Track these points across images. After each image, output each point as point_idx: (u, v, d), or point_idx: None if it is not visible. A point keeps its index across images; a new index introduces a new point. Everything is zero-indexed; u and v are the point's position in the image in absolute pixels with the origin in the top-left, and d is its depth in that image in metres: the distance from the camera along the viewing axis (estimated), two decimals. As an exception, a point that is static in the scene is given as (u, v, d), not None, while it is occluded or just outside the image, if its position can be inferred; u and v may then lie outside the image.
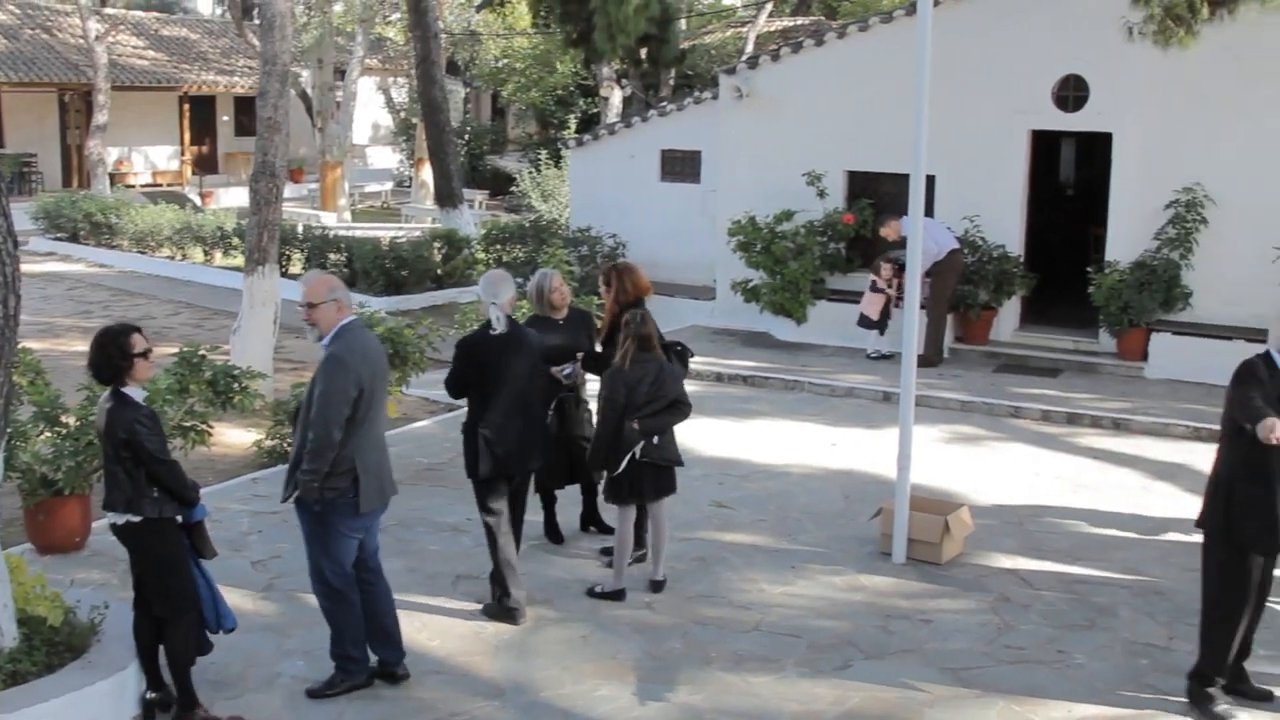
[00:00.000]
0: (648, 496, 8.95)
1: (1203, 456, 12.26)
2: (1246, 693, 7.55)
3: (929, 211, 16.40)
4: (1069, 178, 22.41)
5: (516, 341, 8.50)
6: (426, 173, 31.85)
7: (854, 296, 16.76)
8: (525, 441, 8.56)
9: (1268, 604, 7.63)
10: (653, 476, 8.87)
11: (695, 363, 15.23)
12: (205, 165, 41.58)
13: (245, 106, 39.53)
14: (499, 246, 21.97)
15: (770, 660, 8.08)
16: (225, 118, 42.99)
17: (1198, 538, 7.62)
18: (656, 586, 9.13)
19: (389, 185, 40.98)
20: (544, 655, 8.12)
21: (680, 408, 8.93)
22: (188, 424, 10.60)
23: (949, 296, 16.11)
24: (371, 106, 44.73)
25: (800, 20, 38.45)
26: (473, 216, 26.46)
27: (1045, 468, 12.22)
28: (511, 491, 8.68)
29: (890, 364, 15.14)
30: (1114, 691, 7.71)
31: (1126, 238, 15.98)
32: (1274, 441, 6.83)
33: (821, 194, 17.45)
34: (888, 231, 15.94)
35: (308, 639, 8.17)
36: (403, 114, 42.71)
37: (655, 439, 8.79)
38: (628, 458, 8.71)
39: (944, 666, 8.02)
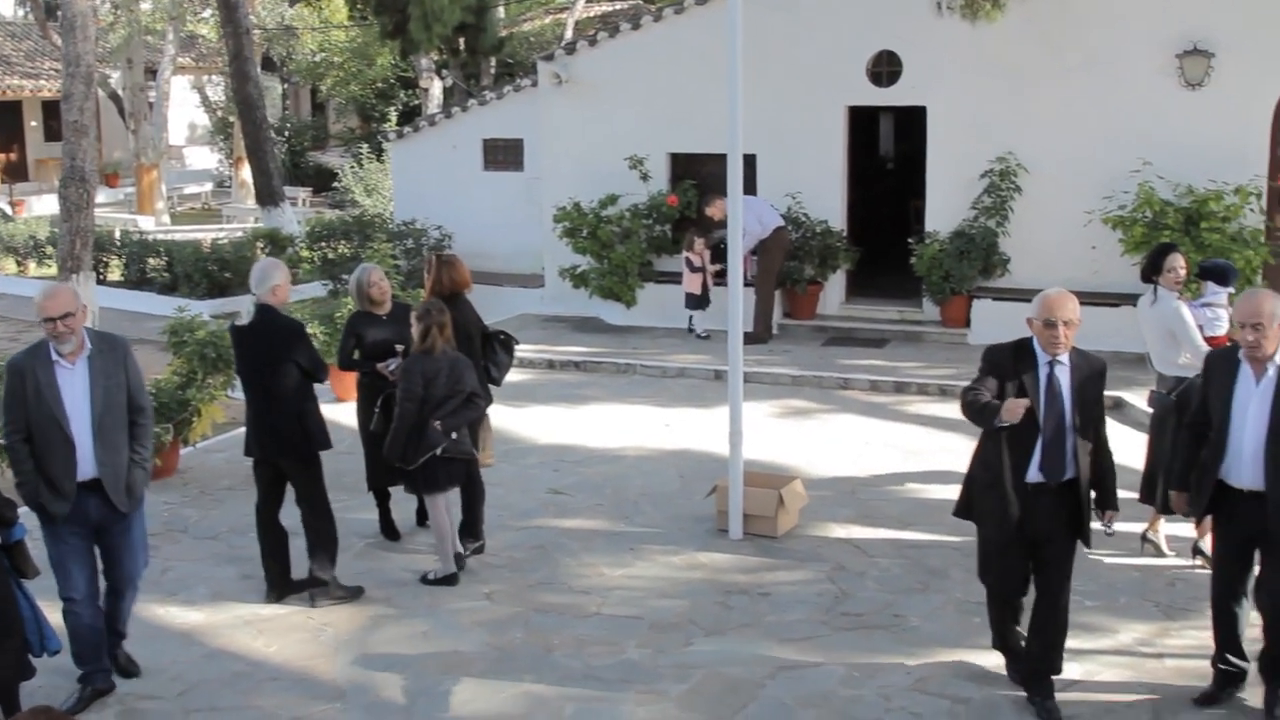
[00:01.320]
0: (442, 487, 8.93)
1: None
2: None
3: (753, 190, 16.56)
4: (889, 152, 22.80)
5: (254, 334, 8.44)
6: (246, 172, 31.19)
7: (680, 278, 16.83)
8: (264, 430, 8.55)
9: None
10: (446, 467, 8.89)
11: (526, 350, 15.20)
12: (15, 173, 40.19)
13: (54, 111, 38.18)
14: (323, 244, 21.65)
15: (612, 643, 8.08)
16: (34, 123, 41.59)
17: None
18: (460, 561, 9.18)
19: (208, 186, 40.10)
20: (385, 653, 8.02)
21: (476, 401, 8.99)
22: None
23: (776, 273, 16.27)
24: (187, 106, 43.65)
25: (619, 4, 38.45)
26: (296, 214, 26.02)
27: (875, 437, 12.42)
28: (294, 481, 8.65)
29: (721, 342, 15.22)
30: (949, 650, 7.87)
31: (945, 208, 16.30)
32: (1015, 419, 6.64)
33: (645, 177, 17.50)
34: (713, 211, 16.03)
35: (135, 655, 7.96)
36: (219, 112, 41.80)
37: (454, 434, 8.84)
38: (427, 455, 8.76)
39: (784, 638, 8.10)
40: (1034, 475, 6.83)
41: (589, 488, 11.16)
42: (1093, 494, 6.97)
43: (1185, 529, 9.30)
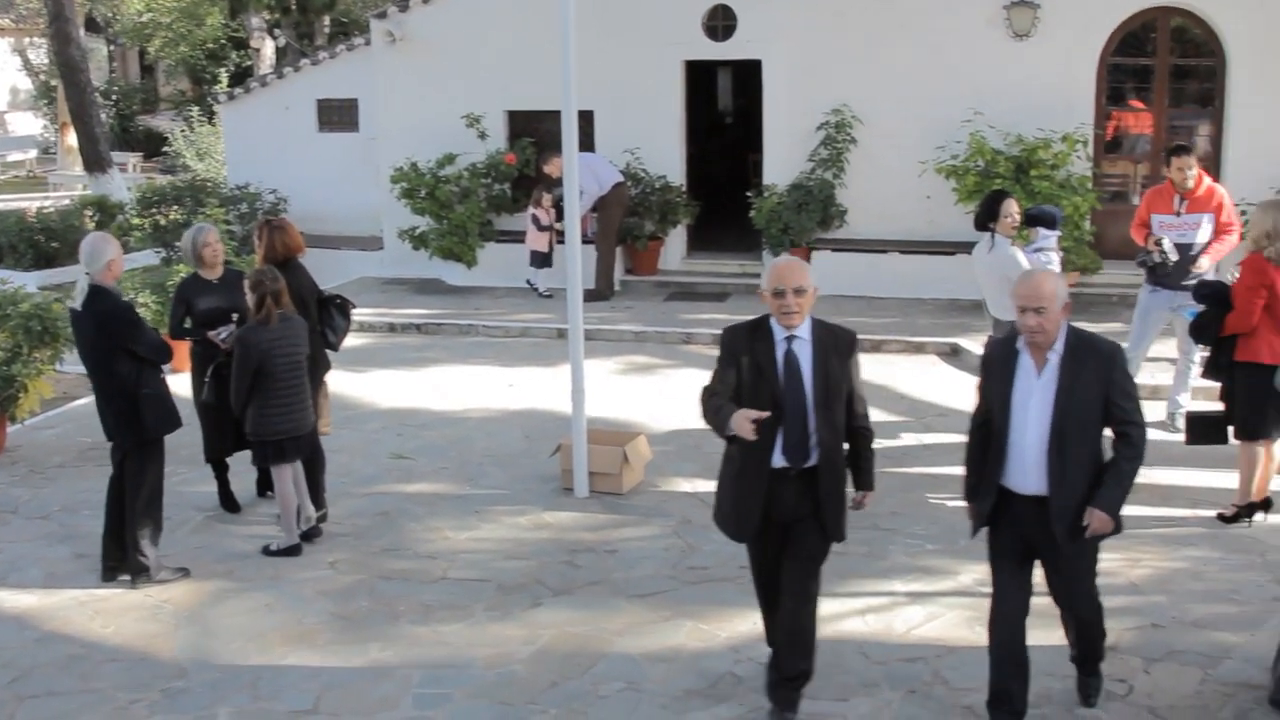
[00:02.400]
0: (289, 458, 8.80)
1: (867, 367, 12.70)
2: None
3: (590, 147, 16.51)
4: (727, 106, 22.88)
5: (87, 320, 8.14)
6: (72, 138, 30.24)
7: (523, 237, 16.72)
8: (103, 414, 8.34)
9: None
10: (293, 437, 8.79)
11: (366, 314, 15.02)
12: None
13: None
14: (154, 210, 21.05)
15: (459, 607, 8.02)
16: None
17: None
18: (316, 529, 9.12)
19: (33, 153, 38.77)
20: (228, 628, 7.86)
21: (316, 371, 8.90)
22: None
23: (616, 230, 16.25)
24: (8, 70, 42.17)
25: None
26: (126, 180, 25.33)
27: (719, 391, 12.47)
28: (128, 462, 8.41)
29: (563, 301, 15.19)
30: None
31: (782, 161, 16.42)
32: (748, 435, 6.03)
33: (483, 135, 17.34)
34: (551, 169, 15.94)
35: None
36: (42, 76, 40.47)
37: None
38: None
39: (632, 594, 8.12)
40: (778, 460, 6.24)
41: (433, 451, 11.06)
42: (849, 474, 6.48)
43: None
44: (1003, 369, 6.17)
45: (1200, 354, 10.80)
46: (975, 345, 13.04)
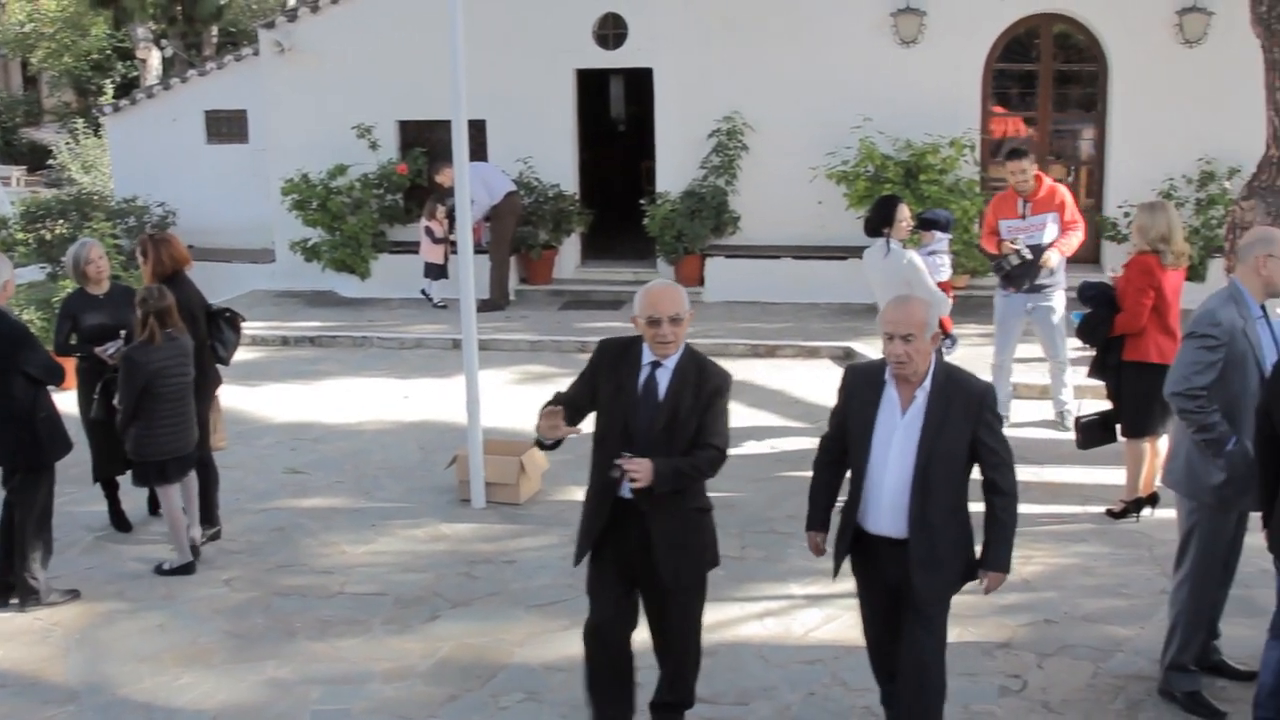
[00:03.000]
0: (171, 478, 8.67)
1: (761, 372, 12.87)
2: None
3: (483, 156, 16.47)
4: (620, 114, 22.92)
5: None
6: (-48, 151, 29.69)
7: (416, 247, 16.63)
8: None
9: None
10: (176, 457, 8.67)
11: (259, 327, 14.87)
12: None
13: None
14: (39, 225, 20.65)
15: (357, 622, 7.95)
16: None
17: (762, 450, 7.90)
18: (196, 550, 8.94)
19: (-88, 168, 38.01)
20: (120, 650, 7.71)
21: (207, 385, 8.78)
22: None
23: (509, 239, 16.21)
24: (-117, 83, 41.31)
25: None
26: (8, 194, 24.83)
27: (616, 398, 12.48)
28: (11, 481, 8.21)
29: (457, 311, 15.15)
30: (713, 602, 7.95)
31: (675, 168, 16.49)
32: (544, 433, 5.98)
33: (374, 146, 17.23)
34: (442, 178, 15.87)
35: None
36: (-80, 90, 39.66)
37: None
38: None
39: (530, 604, 8.09)
40: (626, 490, 5.85)
41: (328, 465, 10.96)
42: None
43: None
44: (865, 401, 5.72)
45: (1070, 353, 11.08)
46: (868, 349, 13.18)
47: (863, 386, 5.78)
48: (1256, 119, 10.59)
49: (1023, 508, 9.43)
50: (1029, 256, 10.68)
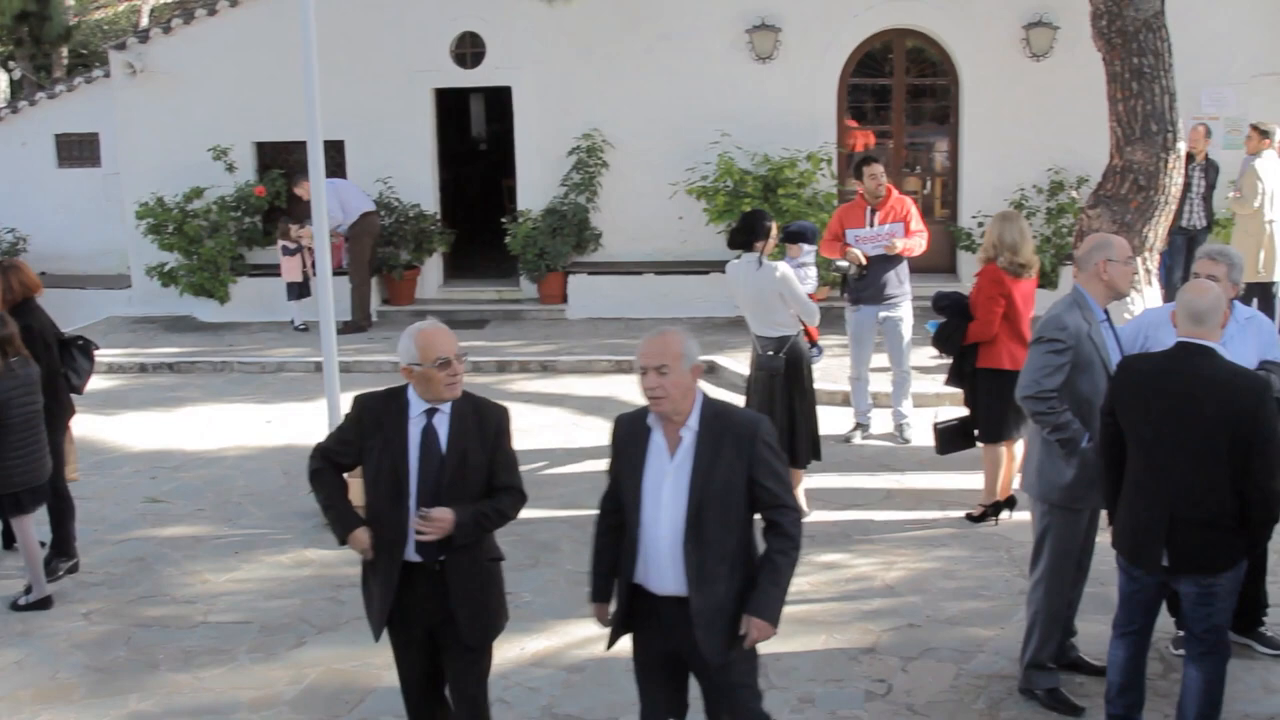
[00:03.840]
0: (25, 509, 8.48)
1: (625, 389, 12.90)
2: None
3: (342, 177, 16.33)
4: (481, 132, 22.89)
5: None
6: None
7: (276, 270, 16.43)
8: None
9: None
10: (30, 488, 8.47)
11: (115, 354, 14.60)
12: None
13: None
14: (-119, 254, 20.12)
15: (221, 651, 7.83)
16: None
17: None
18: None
19: None
20: (-27, 688, 7.53)
21: (61, 414, 8.58)
22: None
23: (369, 260, 16.08)
24: None
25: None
26: None
27: (481, 418, 12.44)
28: None
29: (319, 333, 15.02)
30: (562, 622, 7.97)
31: (536, 186, 16.50)
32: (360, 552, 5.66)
33: (230, 168, 16.99)
34: (301, 191, 15.68)
35: None
36: None
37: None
38: None
39: (398, 628, 8.03)
40: (411, 553, 5.51)
41: (189, 493, 10.77)
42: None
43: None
44: (633, 450, 5.26)
45: (911, 365, 11.33)
46: (732, 362, 13.30)
47: (630, 435, 5.32)
48: (1102, 129, 10.89)
49: (886, 514, 9.71)
50: (865, 266, 10.91)
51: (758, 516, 5.25)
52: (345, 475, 5.78)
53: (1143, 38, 10.33)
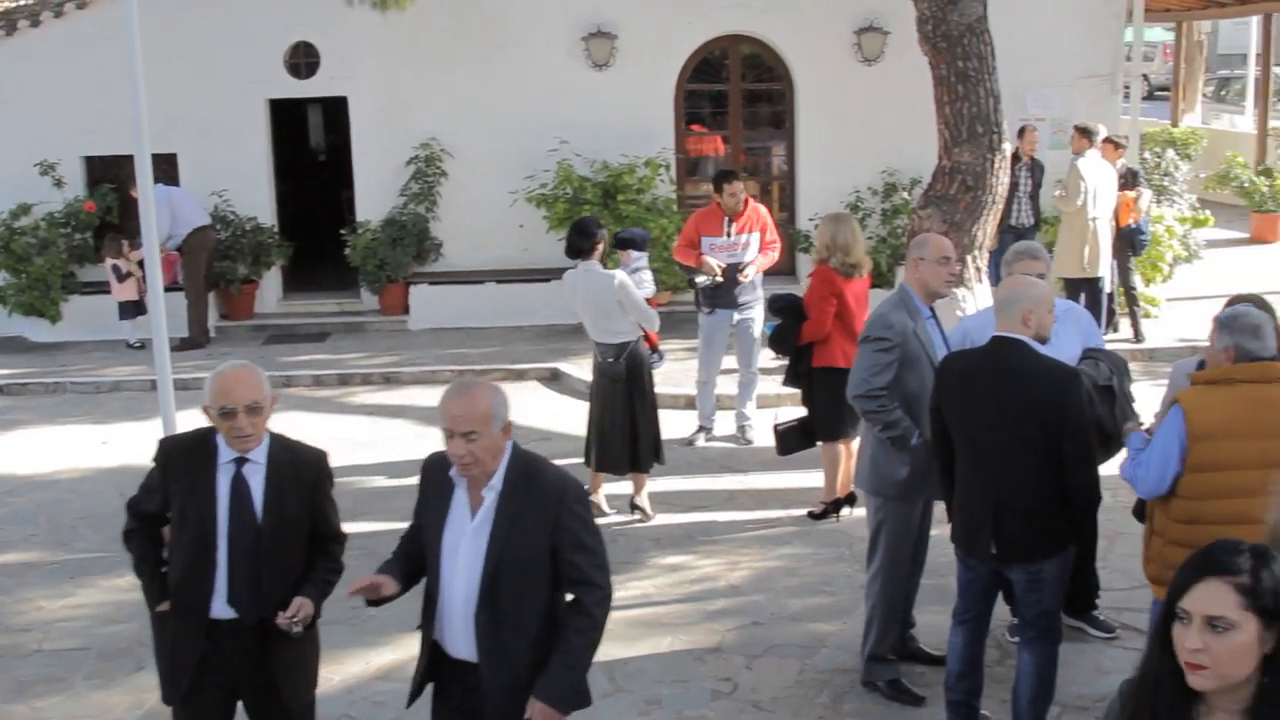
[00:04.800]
0: None
1: (470, 397, 12.81)
2: None
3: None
4: (319, 143, 22.63)
5: None
6: None
7: (108, 287, 16.01)
8: None
9: None
10: None
11: (-62, 379, 14.13)
12: None
13: None
14: None
15: (57, 680, 7.65)
16: None
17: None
18: None
19: None
20: None
21: None
22: None
23: (204, 275, 15.74)
24: None
25: (21, 0, 36.15)
26: None
27: (322, 431, 12.28)
28: None
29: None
30: (409, 635, 7.90)
31: (375, 197, 16.37)
32: None
33: (59, 183, 16.55)
34: (135, 191, 15.30)
35: None
36: None
37: None
38: None
39: (241, 647, 7.92)
40: (220, 610, 5.13)
41: (21, 518, 10.49)
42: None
43: (623, 487, 9.81)
44: (436, 501, 4.89)
45: (759, 367, 11.49)
46: (575, 369, 13.35)
47: (435, 483, 4.91)
48: (933, 131, 11.15)
49: (729, 515, 9.82)
50: (720, 279, 11.04)
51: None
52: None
53: (966, 42, 10.61)
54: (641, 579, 8.71)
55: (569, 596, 4.81)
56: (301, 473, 5.25)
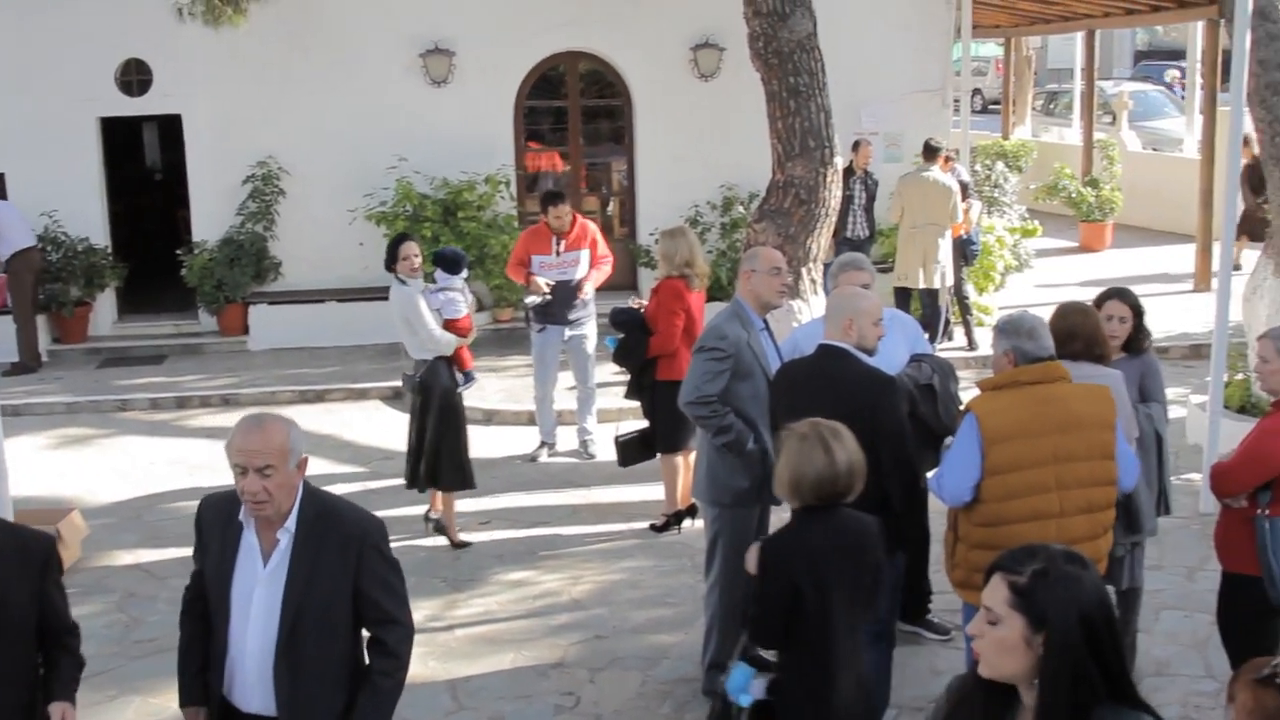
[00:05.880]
0: None
1: (312, 418, 12.72)
2: None
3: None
4: (155, 162, 22.20)
5: None
6: None
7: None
8: None
9: None
10: None
11: None
12: None
13: None
14: None
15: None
16: None
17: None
18: None
19: None
20: None
21: None
22: None
23: (31, 297, 15.26)
24: None
25: None
26: None
27: (160, 455, 12.09)
28: None
29: (-16, 377, 14.36)
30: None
31: (211, 216, 16.10)
32: None
33: (-121, 205, 16.03)
34: None
35: None
36: None
37: None
38: None
39: (73, 677, 7.74)
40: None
41: None
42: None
43: (465, 505, 9.80)
44: (222, 545, 4.52)
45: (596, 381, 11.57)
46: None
47: (218, 526, 4.55)
48: (768, 146, 11.30)
49: (572, 529, 9.86)
50: (549, 296, 11.09)
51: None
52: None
53: (797, 58, 10.79)
54: (484, 596, 8.70)
55: (368, 635, 4.64)
56: (28, 560, 4.68)
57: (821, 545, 5.01)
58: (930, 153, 14.11)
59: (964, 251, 14.41)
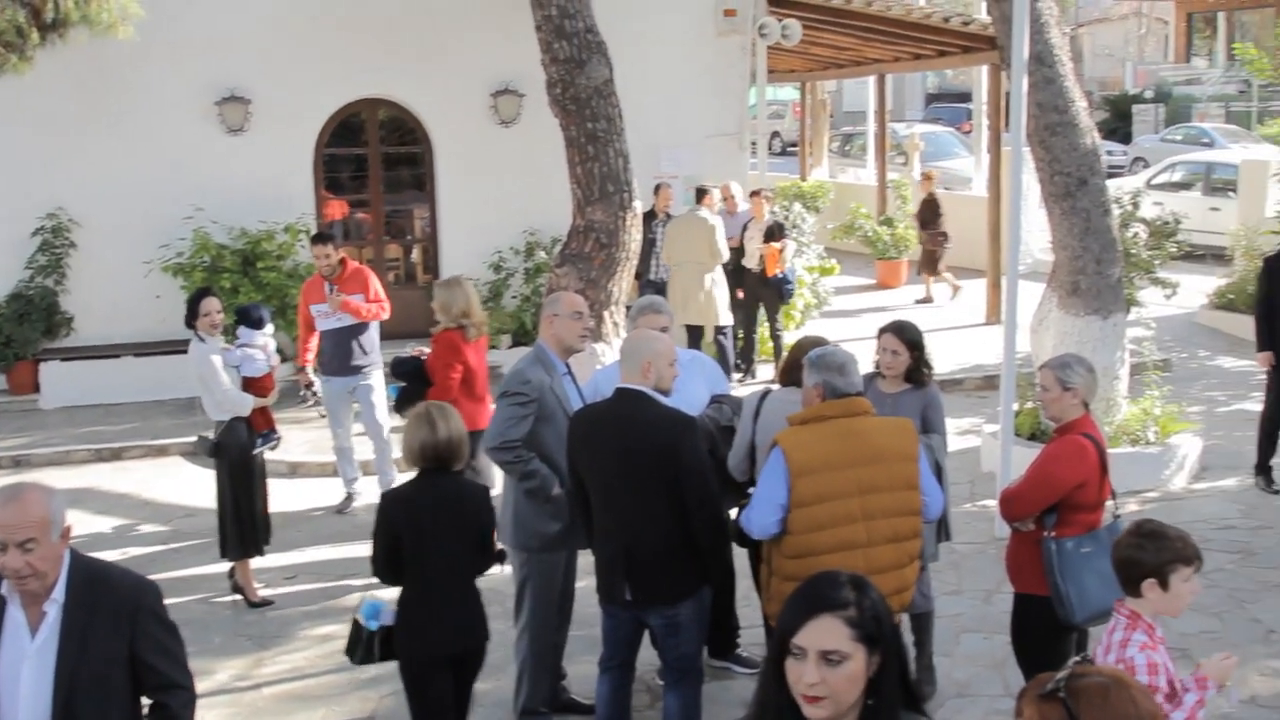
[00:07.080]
0: None
1: (108, 477, 12.37)
2: None
3: None
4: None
5: None
6: None
7: None
8: None
9: None
10: None
11: None
12: None
13: None
14: None
15: None
16: None
17: (115, 559, 7.58)
18: None
19: None
20: None
21: None
22: None
23: None
24: None
25: None
26: None
27: (-53, 521, 11.61)
28: None
29: None
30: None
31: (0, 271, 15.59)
32: None
33: None
34: None
35: None
36: None
37: None
38: None
39: None
40: None
41: None
42: None
43: (270, 561, 9.62)
44: None
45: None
46: (220, 440, 12.99)
47: None
48: (569, 191, 11.37)
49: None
50: (318, 393, 11.15)
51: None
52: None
53: (595, 104, 10.91)
54: (292, 652, 8.54)
55: (148, 702, 4.43)
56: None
57: (424, 501, 6.11)
58: (700, 194, 14.46)
59: (779, 290, 14.68)
